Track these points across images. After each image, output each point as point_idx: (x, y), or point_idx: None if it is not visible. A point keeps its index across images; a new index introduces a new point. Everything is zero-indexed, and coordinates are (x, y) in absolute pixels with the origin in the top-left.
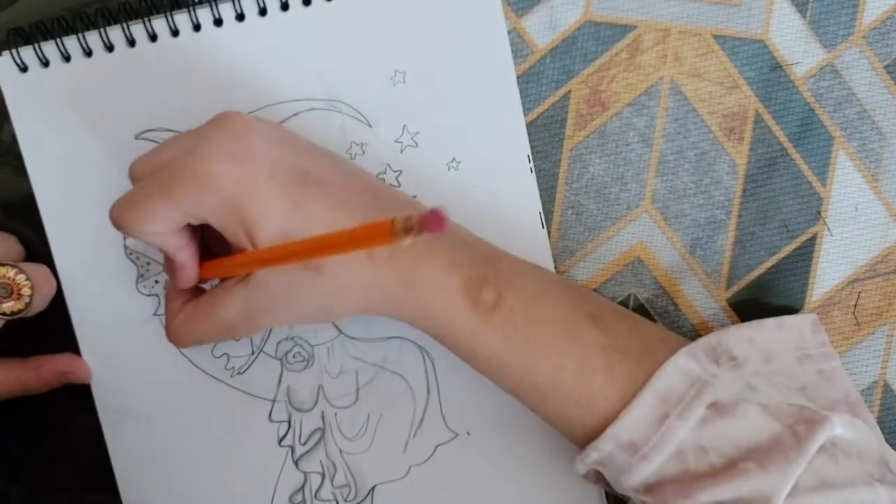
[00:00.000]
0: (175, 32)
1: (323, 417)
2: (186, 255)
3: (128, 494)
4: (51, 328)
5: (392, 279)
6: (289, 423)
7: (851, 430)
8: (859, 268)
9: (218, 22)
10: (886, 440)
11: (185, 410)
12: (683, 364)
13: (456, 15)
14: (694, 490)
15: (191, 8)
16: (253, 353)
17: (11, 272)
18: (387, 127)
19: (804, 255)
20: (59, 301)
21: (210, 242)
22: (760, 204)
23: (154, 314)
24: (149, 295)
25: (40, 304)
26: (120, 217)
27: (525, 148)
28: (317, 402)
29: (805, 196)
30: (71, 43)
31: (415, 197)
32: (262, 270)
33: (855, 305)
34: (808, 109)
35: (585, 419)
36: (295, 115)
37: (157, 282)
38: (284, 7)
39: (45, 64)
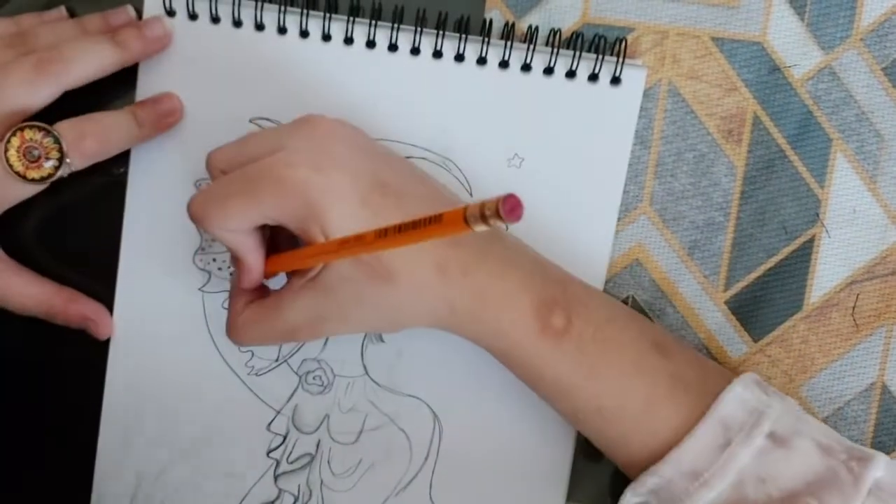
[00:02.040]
0: (326, 38)
1: (318, 445)
2: (254, 258)
3: (103, 460)
4: (95, 266)
5: (462, 295)
6: (284, 438)
7: (891, 472)
8: (857, 270)
9: (370, 44)
10: (885, 441)
11: (191, 390)
12: (741, 393)
13: (594, 117)
14: None
15: (350, 18)
16: (277, 361)
17: (38, 135)
18: None
19: (802, 257)
20: (112, 244)
21: (279, 244)
22: (759, 206)
23: (200, 289)
24: (202, 269)
25: (81, 162)
26: (200, 211)
27: (607, 251)
28: (318, 428)
29: (803, 198)
30: (224, 8)
31: None
32: (330, 276)
33: (853, 307)
34: (806, 111)
35: (646, 445)
36: (407, 158)
37: (213, 259)
38: (437, 55)
39: (193, 17)
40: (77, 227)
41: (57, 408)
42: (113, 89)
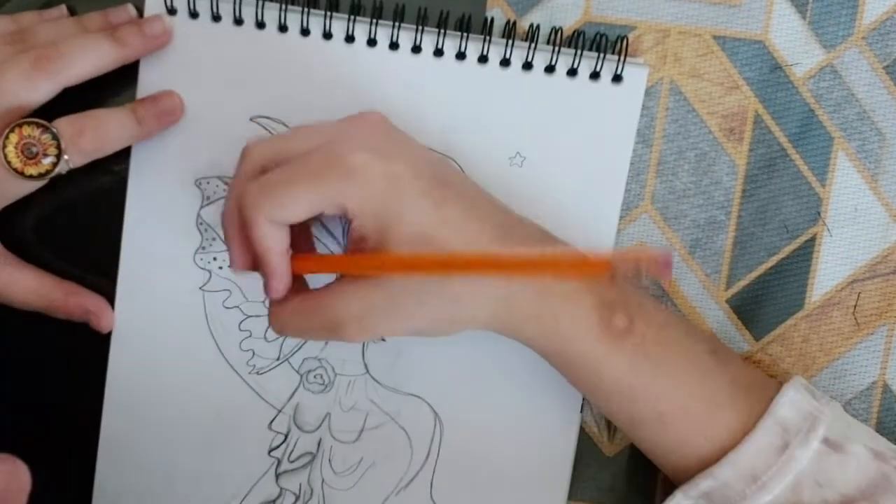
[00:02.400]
0: (327, 36)
1: (319, 444)
2: (279, 262)
3: (104, 458)
4: (95, 264)
5: (521, 295)
6: (285, 437)
7: None
8: (859, 268)
9: (371, 42)
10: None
11: (192, 389)
12: (794, 397)
13: (595, 115)
14: None
15: (350, 17)
16: (278, 359)
17: (37, 131)
18: None
19: (804, 256)
20: (113, 242)
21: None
22: (760, 204)
23: (200, 288)
24: (202, 269)
25: (80, 159)
26: (257, 196)
27: (609, 247)
28: (319, 427)
29: (805, 197)
30: (225, 6)
31: None
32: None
33: (854, 306)
34: (807, 110)
35: (703, 448)
36: None
37: (214, 258)
38: (438, 53)
39: (194, 15)
40: (77, 226)
41: (57, 407)
42: (114, 87)
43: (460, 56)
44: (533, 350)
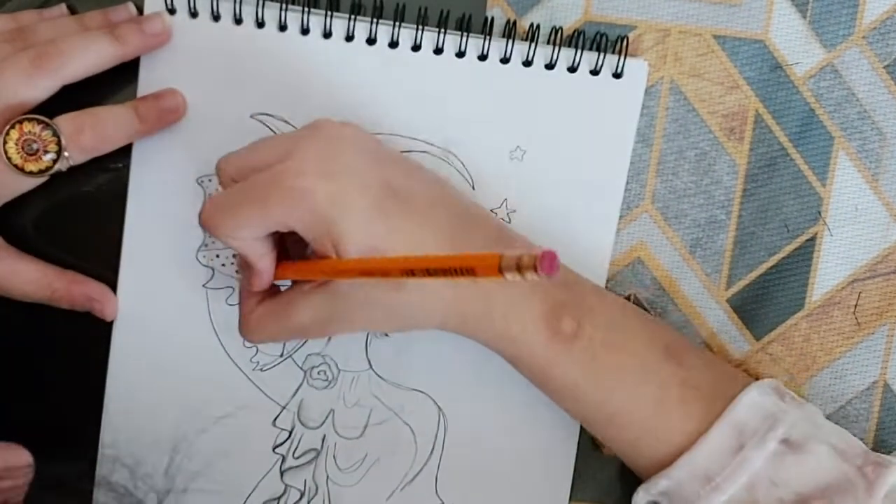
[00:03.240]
0: (328, 35)
1: (323, 440)
2: (265, 262)
3: (106, 455)
4: (97, 262)
5: (474, 303)
6: (290, 433)
7: None
8: (859, 268)
9: (371, 41)
10: (887, 440)
11: (195, 385)
12: (756, 398)
13: (596, 110)
14: None
15: (351, 17)
16: (282, 356)
17: (37, 128)
18: (488, 195)
19: (804, 255)
20: (114, 241)
21: (288, 244)
22: (760, 204)
23: (203, 285)
24: (205, 266)
25: (80, 156)
26: (210, 220)
27: (609, 248)
28: (323, 423)
29: (805, 196)
30: (225, 6)
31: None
32: (341, 282)
33: (855, 305)
34: (808, 109)
35: (657, 450)
36: (408, 151)
37: (217, 255)
38: (438, 52)
39: (194, 14)
40: (78, 225)
41: (58, 408)
42: (114, 86)
43: (460, 54)
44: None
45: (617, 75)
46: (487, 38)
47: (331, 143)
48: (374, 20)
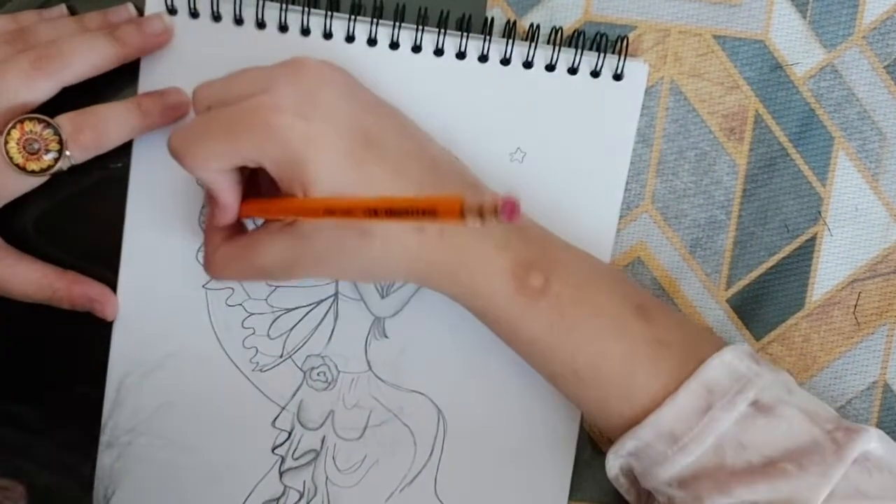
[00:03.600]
0: (328, 35)
1: (323, 441)
2: (230, 196)
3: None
4: (96, 263)
5: (440, 255)
6: (289, 434)
7: (885, 445)
8: (859, 268)
9: (372, 42)
10: None
11: (194, 385)
12: (729, 360)
13: (596, 111)
14: (731, 485)
15: (351, 17)
16: (281, 357)
17: (38, 127)
18: None
19: (804, 256)
20: (114, 242)
21: (260, 183)
22: (760, 204)
23: (203, 286)
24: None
25: (81, 155)
26: (179, 148)
27: (609, 248)
28: (323, 424)
29: (805, 196)
30: (226, 6)
31: None
32: (307, 226)
33: (855, 305)
34: (808, 109)
35: (624, 409)
36: None
37: None
38: (438, 53)
39: (194, 15)
40: (78, 225)
41: (58, 408)
42: (115, 87)
43: (460, 55)
44: (463, 308)
45: (617, 77)
46: (487, 38)
47: (310, 81)
48: (375, 20)
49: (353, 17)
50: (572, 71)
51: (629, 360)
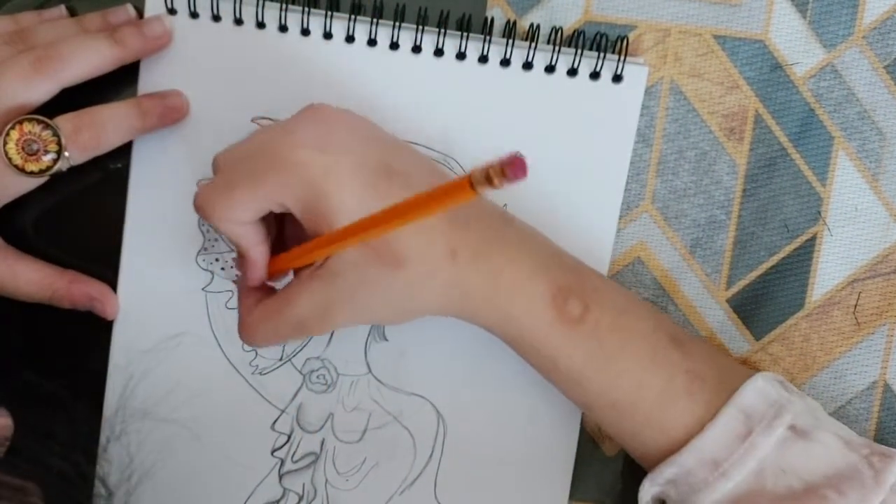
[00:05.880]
0: (328, 36)
1: (322, 444)
2: (258, 252)
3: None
4: (96, 265)
5: (474, 280)
6: (289, 437)
7: None
8: (859, 268)
9: (372, 42)
10: (887, 440)
11: (194, 388)
12: (762, 386)
13: (596, 114)
14: None
15: (351, 17)
16: (281, 360)
17: (37, 127)
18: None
19: (804, 255)
20: (114, 245)
21: (287, 240)
22: (760, 204)
23: (203, 289)
24: (205, 269)
25: (80, 156)
26: (205, 203)
27: (609, 248)
28: (322, 427)
29: (805, 196)
30: (226, 6)
31: None
32: (338, 262)
33: (855, 305)
34: (808, 109)
35: (659, 440)
36: None
37: (216, 259)
38: (438, 53)
39: (194, 15)
40: (78, 225)
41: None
42: (115, 87)
43: (460, 56)
44: (495, 336)
45: (617, 78)
46: (487, 38)
47: (327, 121)
48: (375, 20)
49: (353, 17)
50: (572, 73)
51: (667, 392)
